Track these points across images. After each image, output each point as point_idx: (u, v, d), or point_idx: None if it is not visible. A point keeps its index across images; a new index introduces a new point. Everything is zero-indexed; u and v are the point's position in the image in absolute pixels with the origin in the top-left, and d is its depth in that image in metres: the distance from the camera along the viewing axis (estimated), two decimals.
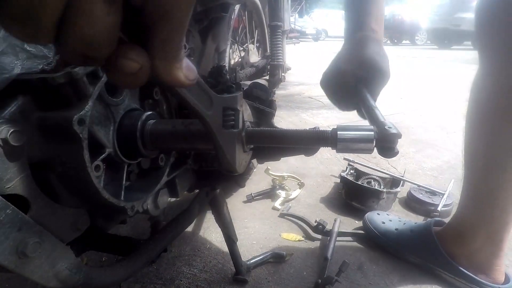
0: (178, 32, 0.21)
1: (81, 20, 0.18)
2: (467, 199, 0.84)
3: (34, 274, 0.41)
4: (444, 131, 2.13)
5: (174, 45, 0.22)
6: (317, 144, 0.51)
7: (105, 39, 0.19)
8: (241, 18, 1.52)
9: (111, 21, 0.18)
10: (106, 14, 0.18)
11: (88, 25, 0.18)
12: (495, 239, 0.80)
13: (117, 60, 0.20)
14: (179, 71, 0.23)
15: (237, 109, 0.49)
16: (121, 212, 0.54)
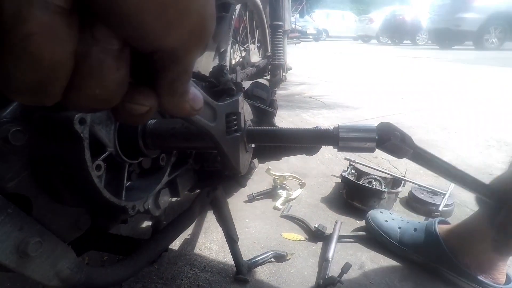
0: (187, 73, 0.21)
1: (91, 82, 0.18)
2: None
3: (35, 273, 0.41)
4: (446, 131, 2.12)
5: (182, 83, 0.22)
6: (319, 143, 0.51)
7: (114, 93, 0.19)
8: (242, 18, 1.52)
9: (121, 75, 0.18)
10: (116, 70, 0.18)
11: (98, 85, 0.18)
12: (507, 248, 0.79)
13: (125, 105, 0.20)
14: (186, 104, 0.23)
15: (239, 112, 0.49)
16: (122, 211, 0.54)
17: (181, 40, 0.19)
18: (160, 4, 0.16)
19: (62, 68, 0.16)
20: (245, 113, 0.60)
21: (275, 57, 1.52)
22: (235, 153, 0.49)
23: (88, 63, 0.17)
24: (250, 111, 0.70)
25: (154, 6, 0.16)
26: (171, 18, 0.17)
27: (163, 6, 0.17)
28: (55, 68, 0.16)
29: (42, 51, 0.15)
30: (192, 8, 0.18)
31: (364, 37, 15.99)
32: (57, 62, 0.16)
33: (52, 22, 0.15)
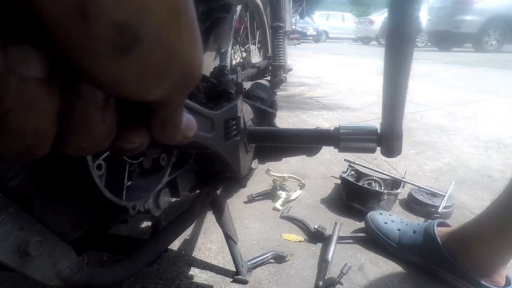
0: (177, 112, 0.21)
1: (77, 137, 0.17)
2: (494, 210, 0.82)
3: (36, 272, 0.41)
4: (445, 133, 2.13)
5: (173, 119, 0.21)
6: (319, 143, 0.51)
7: (102, 142, 0.19)
8: (242, 19, 1.52)
9: (107, 125, 0.18)
10: (102, 122, 0.18)
11: (85, 139, 0.18)
12: (506, 251, 0.80)
13: (115, 144, 0.20)
14: (178, 135, 0.23)
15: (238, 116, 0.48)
16: (122, 211, 0.54)
17: (166, 94, 0.18)
18: (140, 69, 0.16)
19: (46, 133, 0.16)
20: (245, 113, 0.60)
21: (276, 58, 1.51)
22: (235, 157, 0.49)
23: (73, 119, 0.17)
24: (250, 111, 0.70)
25: (134, 72, 0.16)
26: (153, 80, 0.17)
27: (144, 70, 0.16)
28: (38, 136, 0.16)
29: (23, 125, 0.15)
30: (177, 64, 0.17)
31: (364, 38, 16.01)
32: (40, 131, 0.16)
33: (30, 95, 0.14)
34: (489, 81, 4.08)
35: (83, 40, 0.14)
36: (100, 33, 0.14)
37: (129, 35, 0.14)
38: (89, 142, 0.18)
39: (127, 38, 0.14)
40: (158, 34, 0.15)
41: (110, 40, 0.14)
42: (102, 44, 0.14)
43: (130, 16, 0.14)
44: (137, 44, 0.15)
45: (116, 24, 0.14)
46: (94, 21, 0.13)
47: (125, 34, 0.14)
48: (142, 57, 0.15)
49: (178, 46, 0.17)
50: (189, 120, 0.24)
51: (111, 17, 0.13)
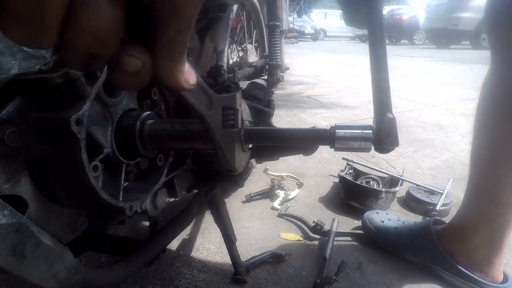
0: (185, 31, 0.21)
1: (87, 12, 0.17)
2: (470, 197, 0.85)
3: (32, 275, 0.41)
4: (443, 130, 2.13)
5: (179, 44, 0.21)
6: (316, 142, 0.51)
7: (111, 32, 0.18)
8: (239, 18, 1.52)
9: (117, 13, 0.18)
10: (113, 5, 0.18)
11: (95, 17, 0.17)
12: (495, 238, 0.80)
13: (119, 58, 0.20)
14: (181, 75, 0.23)
15: (236, 108, 0.49)
16: (119, 212, 0.54)
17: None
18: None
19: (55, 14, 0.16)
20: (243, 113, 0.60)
21: (273, 57, 1.51)
22: (231, 148, 0.49)
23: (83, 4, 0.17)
24: (248, 113, 0.70)
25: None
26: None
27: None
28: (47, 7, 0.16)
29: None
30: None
31: (362, 36, 15.99)
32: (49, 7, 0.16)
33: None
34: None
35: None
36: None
37: None
38: (97, 20, 0.17)
39: None
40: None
41: None
42: None
43: None
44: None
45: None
46: None
47: None
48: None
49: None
50: (190, 68, 0.24)
51: None
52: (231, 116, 0.48)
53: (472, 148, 0.82)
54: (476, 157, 0.81)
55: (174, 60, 0.22)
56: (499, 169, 0.75)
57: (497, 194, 0.77)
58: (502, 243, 0.80)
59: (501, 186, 0.75)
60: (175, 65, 0.22)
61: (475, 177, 0.82)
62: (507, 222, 0.78)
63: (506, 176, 0.74)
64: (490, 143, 0.77)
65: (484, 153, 0.79)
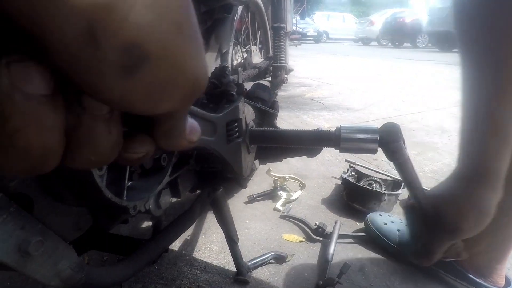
0: (181, 122, 0.21)
1: (84, 151, 0.17)
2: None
3: (36, 272, 0.41)
4: (446, 134, 2.12)
5: (177, 131, 0.21)
6: (321, 144, 0.51)
7: (109, 155, 0.19)
8: (244, 19, 1.52)
9: (114, 137, 0.18)
10: (108, 134, 0.18)
11: (92, 152, 0.17)
12: (499, 247, 0.80)
13: (121, 155, 0.20)
14: (183, 141, 0.23)
15: (239, 118, 0.49)
16: (123, 211, 0.53)
17: (173, 106, 0.18)
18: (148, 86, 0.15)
19: (53, 150, 0.16)
20: (246, 114, 0.60)
21: (277, 58, 1.52)
22: (238, 159, 0.49)
23: (80, 134, 0.17)
24: (252, 112, 0.70)
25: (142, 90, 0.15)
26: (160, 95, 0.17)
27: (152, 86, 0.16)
28: (46, 153, 0.15)
29: (31, 143, 0.15)
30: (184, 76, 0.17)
31: (365, 39, 16.02)
32: (47, 148, 0.15)
33: (37, 113, 0.14)
34: None
35: (90, 62, 0.13)
36: (108, 55, 0.13)
37: (136, 55, 0.14)
38: (96, 155, 0.18)
39: (134, 58, 0.14)
40: (165, 51, 0.15)
41: (118, 61, 0.14)
42: (110, 65, 0.14)
43: (137, 36, 0.14)
44: (145, 63, 0.15)
45: (124, 45, 0.14)
46: (102, 43, 0.13)
47: (133, 55, 0.14)
48: (150, 75, 0.15)
49: (183, 59, 0.16)
50: (192, 124, 0.23)
51: (119, 38, 0.13)
52: (235, 129, 0.48)
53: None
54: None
55: (174, 138, 0.22)
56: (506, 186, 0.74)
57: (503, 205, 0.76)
58: (506, 251, 0.80)
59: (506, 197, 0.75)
60: (177, 140, 0.22)
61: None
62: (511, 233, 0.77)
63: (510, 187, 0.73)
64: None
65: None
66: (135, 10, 0.13)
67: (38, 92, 0.14)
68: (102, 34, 0.13)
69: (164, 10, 0.14)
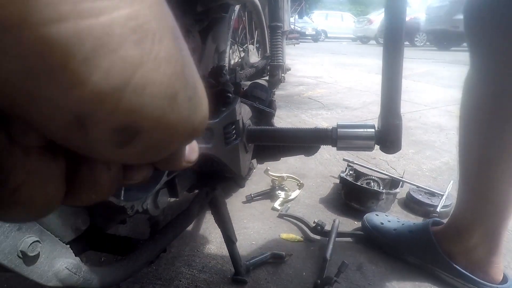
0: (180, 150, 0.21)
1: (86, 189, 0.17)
2: (462, 196, 0.85)
3: (34, 273, 0.41)
4: (444, 132, 2.13)
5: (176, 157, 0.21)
6: (318, 142, 0.51)
7: (110, 188, 0.18)
8: (241, 18, 1.52)
9: (113, 172, 0.18)
10: (108, 170, 0.18)
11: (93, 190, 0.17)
12: (491, 236, 0.81)
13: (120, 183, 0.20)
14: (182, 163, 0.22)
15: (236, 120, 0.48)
16: (121, 211, 0.53)
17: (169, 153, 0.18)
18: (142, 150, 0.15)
19: (55, 198, 0.16)
20: (243, 114, 0.60)
21: (274, 57, 1.52)
22: (236, 160, 0.49)
23: (79, 177, 0.17)
24: (248, 110, 0.70)
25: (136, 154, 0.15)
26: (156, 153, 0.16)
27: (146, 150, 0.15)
28: (48, 203, 0.15)
29: (33, 196, 0.14)
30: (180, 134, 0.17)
31: (363, 38, 16.01)
32: (49, 197, 0.15)
33: (37, 165, 0.14)
34: None
35: (82, 143, 0.13)
36: (99, 137, 0.13)
37: (128, 133, 0.14)
38: (98, 193, 0.18)
39: (126, 136, 0.14)
40: (158, 122, 0.15)
41: (109, 140, 0.14)
42: (102, 144, 0.14)
43: (128, 119, 0.13)
44: (137, 136, 0.14)
45: (115, 128, 0.13)
46: (92, 129, 0.13)
47: (124, 133, 0.14)
48: (143, 143, 0.15)
49: (179, 121, 0.16)
50: (191, 145, 0.23)
51: (109, 123, 0.13)
52: (233, 132, 0.48)
53: (460, 148, 0.83)
54: (464, 157, 0.82)
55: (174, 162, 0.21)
56: (489, 168, 0.75)
57: (489, 193, 0.77)
58: (499, 241, 0.81)
59: (491, 185, 0.76)
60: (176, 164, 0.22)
61: (465, 177, 0.83)
62: (501, 220, 0.78)
63: (496, 175, 0.75)
64: (477, 143, 0.77)
65: (472, 153, 0.80)
66: (125, 97, 0.13)
67: (36, 144, 0.14)
68: (91, 122, 0.13)
69: (156, 88, 0.14)
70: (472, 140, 0.78)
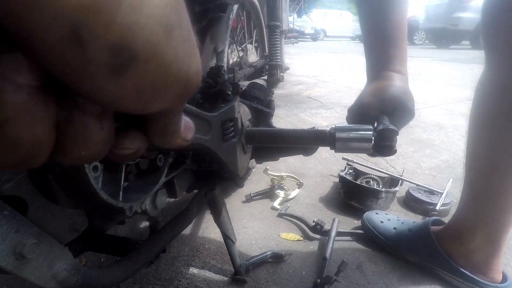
0: (175, 120, 0.21)
1: (75, 146, 0.17)
2: (467, 199, 0.84)
3: (32, 275, 0.40)
4: (443, 130, 2.13)
5: (171, 129, 0.21)
6: (316, 143, 0.51)
7: (101, 151, 0.18)
8: (239, 18, 1.52)
9: (105, 134, 0.18)
10: (100, 130, 0.17)
11: (84, 148, 0.17)
12: (493, 239, 0.80)
13: (112, 151, 0.20)
14: (178, 139, 0.22)
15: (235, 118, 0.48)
16: (119, 212, 0.53)
17: (165, 105, 0.18)
18: (137, 86, 0.15)
19: (43, 143, 0.16)
20: (242, 114, 0.59)
21: (273, 57, 1.52)
22: (233, 158, 0.49)
23: (71, 129, 0.17)
24: (247, 111, 0.70)
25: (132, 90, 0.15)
26: (151, 95, 0.17)
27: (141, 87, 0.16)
28: (36, 145, 0.15)
29: (21, 135, 0.14)
30: (175, 76, 0.17)
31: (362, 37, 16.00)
32: (37, 140, 0.15)
33: (27, 103, 0.14)
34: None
35: (78, 63, 0.13)
36: (96, 56, 0.13)
37: (124, 56, 0.14)
38: (88, 150, 0.18)
39: (122, 59, 0.14)
40: (153, 51, 0.15)
41: (105, 62, 0.14)
42: (98, 66, 0.14)
43: (124, 37, 0.14)
44: (133, 63, 0.14)
45: (111, 46, 0.13)
46: (89, 45, 0.13)
47: (120, 55, 0.14)
48: (139, 75, 0.15)
49: (174, 60, 0.16)
50: (187, 123, 0.23)
51: (106, 39, 0.13)
52: (231, 129, 0.48)
53: (467, 151, 0.82)
54: (472, 160, 0.81)
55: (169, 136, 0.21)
56: (496, 173, 0.74)
57: (494, 197, 0.76)
58: (500, 245, 0.80)
59: (497, 190, 0.75)
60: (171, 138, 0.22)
61: (471, 180, 0.82)
62: (504, 225, 0.78)
63: (503, 180, 0.73)
64: (486, 147, 0.75)
65: (480, 157, 0.78)
66: (122, 11, 0.13)
67: (28, 83, 0.14)
68: (87, 35, 0.13)
69: (151, 11, 0.14)
70: (482, 145, 0.77)
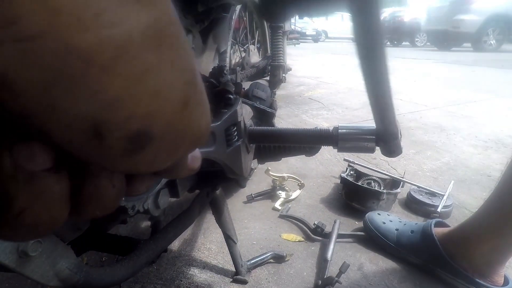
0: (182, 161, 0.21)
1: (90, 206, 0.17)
2: (488, 209, 0.83)
3: (35, 273, 0.41)
4: (444, 132, 2.13)
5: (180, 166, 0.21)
6: (319, 143, 0.51)
7: (114, 203, 0.19)
8: (242, 18, 1.52)
9: (117, 189, 0.18)
10: (112, 187, 0.18)
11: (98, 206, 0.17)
12: (501, 251, 0.80)
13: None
14: (185, 171, 0.22)
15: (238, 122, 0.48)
16: (121, 211, 0.53)
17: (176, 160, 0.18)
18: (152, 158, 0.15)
19: (60, 218, 0.16)
20: (244, 114, 0.59)
21: (275, 58, 1.52)
22: (237, 161, 0.49)
23: (84, 193, 0.17)
24: (249, 111, 0.70)
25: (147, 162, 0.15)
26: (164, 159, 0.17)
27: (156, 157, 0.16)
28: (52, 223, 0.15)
29: (38, 219, 0.14)
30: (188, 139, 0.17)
31: None
32: (54, 218, 0.15)
33: (42, 188, 0.14)
34: (488, 81, 4.08)
35: (96, 151, 0.13)
36: (114, 145, 0.13)
37: (141, 140, 0.14)
38: (102, 208, 0.18)
39: (139, 142, 0.14)
40: (169, 127, 0.15)
41: (123, 147, 0.14)
42: (115, 151, 0.14)
43: (143, 125, 0.14)
44: (150, 143, 0.15)
45: (130, 135, 0.14)
46: (107, 137, 0.13)
47: (138, 140, 0.14)
48: (154, 150, 0.15)
49: (188, 126, 0.16)
50: (194, 153, 0.23)
51: (124, 130, 0.13)
52: (235, 133, 0.48)
53: (503, 176, 0.81)
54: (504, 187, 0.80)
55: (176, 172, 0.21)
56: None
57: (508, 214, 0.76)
58: (507, 256, 0.80)
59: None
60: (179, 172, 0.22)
61: (500, 195, 0.80)
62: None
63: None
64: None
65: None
66: (142, 102, 0.13)
67: (41, 167, 0.14)
68: (107, 130, 0.13)
69: (172, 93, 0.14)
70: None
